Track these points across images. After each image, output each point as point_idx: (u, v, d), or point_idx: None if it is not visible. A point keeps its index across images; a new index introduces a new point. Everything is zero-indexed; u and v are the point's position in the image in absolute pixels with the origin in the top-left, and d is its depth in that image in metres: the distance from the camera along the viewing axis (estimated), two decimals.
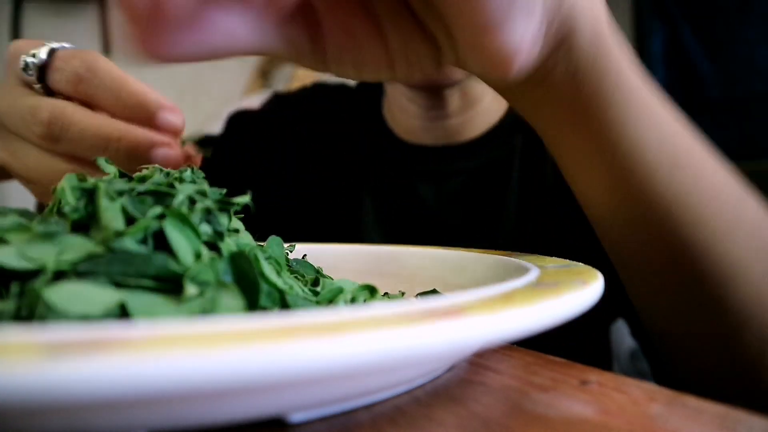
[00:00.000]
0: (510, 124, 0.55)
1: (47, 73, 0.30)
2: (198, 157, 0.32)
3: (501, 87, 0.29)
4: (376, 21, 0.23)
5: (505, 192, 0.53)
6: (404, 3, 0.23)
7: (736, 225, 0.29)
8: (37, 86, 0.31)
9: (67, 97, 0.30)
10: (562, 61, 0.26)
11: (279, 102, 0.67)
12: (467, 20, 0.21)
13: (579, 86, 0.26)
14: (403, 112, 0.57)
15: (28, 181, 0.32)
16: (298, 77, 1.57)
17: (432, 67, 0.25)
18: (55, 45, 0.31)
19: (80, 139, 0.29)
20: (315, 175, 0.61)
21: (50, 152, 0.30)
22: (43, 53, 0.30)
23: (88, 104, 0.30)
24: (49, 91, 0.30)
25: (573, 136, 0.29)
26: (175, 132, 0.30)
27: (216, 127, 0.70)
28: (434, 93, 0.52)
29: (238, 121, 0.66)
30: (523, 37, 0.22)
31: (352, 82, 0.67)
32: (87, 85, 0.29)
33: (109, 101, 0.29)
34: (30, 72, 0.30)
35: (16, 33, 1.79)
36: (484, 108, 0.55)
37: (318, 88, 0.68)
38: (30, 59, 0.30)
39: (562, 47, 0.25)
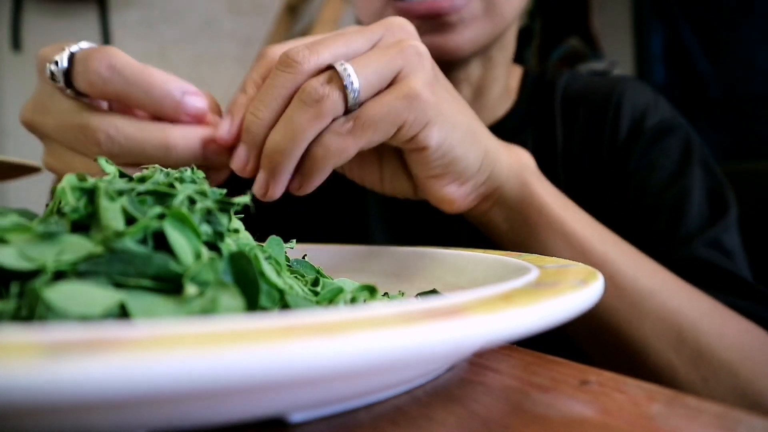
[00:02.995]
0: (518, 119, 0.55)
1: (73, 78, 0.30)
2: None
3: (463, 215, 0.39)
4: (379, 160, 0.36)
5: None
6: (398, 155, 0.35)
7: (643, 313, 0.37)
8: (69, 92, 0.31)
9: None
10: (495, 205, 0.38)
11: None
12: (420, 177, 0.34)
13: (510, 226, 0.39)
14: None
15: None
16: None
17: (407, 191, 0.37)
18: (73, 48, 0.31)
19: (140, 153, 0.30)
20: None
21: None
22: (64, 60, 0.30)
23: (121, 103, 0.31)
24: (81, 94, 0.31)
25: (513, 246, 0.39)
26: (202, 116, 0.31)
27: None
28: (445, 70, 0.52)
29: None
30: (457, 192, 0.35)
31: None
32: (113, 85, 0.29)
33: (138, 98, 0.29)
34: (57, 80, 0.30)
35: (16, 33, 1.79)
36: (493, 99, 0.55)
37: None
38: (53, 68, 0.30)
39: (492, 197, 0.37)
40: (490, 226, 0.39)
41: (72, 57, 0.30)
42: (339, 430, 0.16)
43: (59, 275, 0.17)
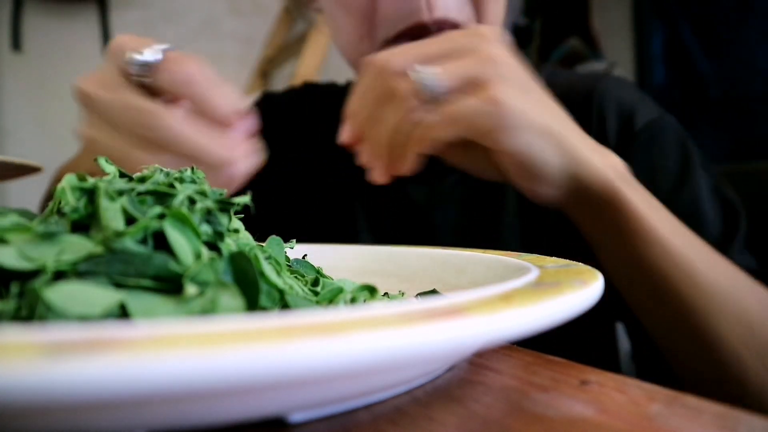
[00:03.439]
0: None
1: (152, 71, 0.33)
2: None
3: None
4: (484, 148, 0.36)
5: (502, 194, 0.53)
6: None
7: (721, 311, 0.37)
8: (135, 79, 0.33)
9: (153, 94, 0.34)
10: (582, 206, 0.38)
11: (268, 102, 0.67)
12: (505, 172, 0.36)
13: (599, 224, 0.38)
14: None
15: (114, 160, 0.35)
16: (299, 77, 1.57)
17: (495, 171, 0.38)
18: (162, 47, 0.34)
19: (176, 147, 0.32)
20: (305, 177, 0.61)
21: (138, 143, 0.33)
22: (155, 53, 0.33)
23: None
24: (142, 86, 0.33)
25: (602, 242, 0.40)
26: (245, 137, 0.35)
27: None
28: None
29: None
30: (539, 189, 0.36)
31: (341, 81, 0.67)
32: (191, 89, 0.33)
33: (206, 110, 0.33)
34: (135, 67, 0.33)
35: (16, 33, 1.79)
36: None
37: (308, 88, 0.67)
38: (137, 56, 0.33)
39: (578, 198, 0.37)
40: (581, 224, 0.40)
41: (161, 54, 0.33)
42: (339, 430, 0.16)
43: (59, 275, 0.17)
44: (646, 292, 0.39)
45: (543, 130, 0.34)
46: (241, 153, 0.35)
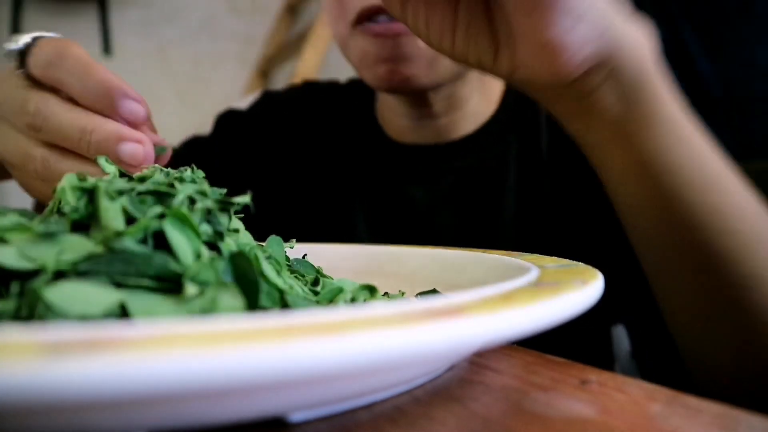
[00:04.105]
0: (501, 124, 0.55)
1: (26, 59, 0.31)
2: (167, 154, 0.33)
3: (552, 96, 0.33)
4: (455, 6, 0.30)
5: (501, 194, 0.53)
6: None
7: (757, 238, 0.32)
8: (18, 72, 0.32)
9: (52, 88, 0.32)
10: (610, 77, 0.30)
11: (269, 101, 0.67)
12: (519, 11, 0.27)
13: (623, 109, 0.31)
14: (393, 112, 0.57)
15: (11, 165, 0.34)
16: (299, 76, 1.57)
17: (486, 58, 0.30)
18: (44, 34, 0.32)
19: (58, 129, 0.30)
20: (304, 176, 0.61)
21: (34, 140, 0.32)
22: (22, 41, 0.32)
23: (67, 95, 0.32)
24: (32, 79, 0.32)
25: (615, 153, 0.33)
26: (137, 122, 0.31)
27: None
28: (416, 95, 0.52)
29: (227, 121, 0.66)
30: (572, 36, 0.27)
31: (342, 81, 0.67)
32: (55, 70, 0.30)
33: (75, 87, 0.30)
34: (10, 58, 0.32)
35: (16, 32, 1.79)
36: (471, 109, 0.55)
37: (308, 87, 0.67)
38: (12, 46, 0.32)
39: (608, 65, 0.30)
40: (598, 108, 0.32)
41: (34, 41, 0.32)
42: (339, 429, 0.16)
43: (59, 275, 0.17)
44: (669, 217, 0.33)
45: None
46: (133, 130, 0.31)
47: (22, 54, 0.31)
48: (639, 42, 0.31)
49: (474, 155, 0.54)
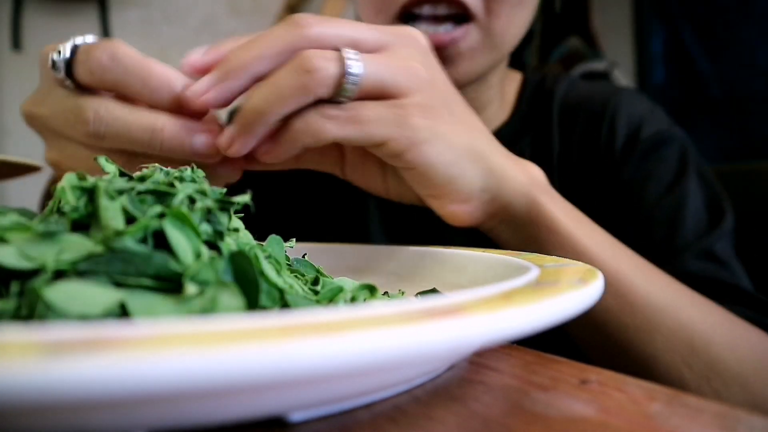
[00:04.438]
0: (515, 129, 0.55)
1: (74, 68, 0.30)
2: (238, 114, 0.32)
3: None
4: (383, 166, 0.37)
5: None
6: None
7: (655, 328, 0.36)
8: (68, 83, 0.31)
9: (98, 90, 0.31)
10: (503, 222, 0.37)
11: None
12: (420, 194, 0.35)
13: (521, 238, 0.37)
14: None
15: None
16: None
17: (413, 198, 0.37)
18: (78, 40, 0.31)
19: (125, 133, 0.30)
20: (318, 175, 0.61)
21: (98, 149, 0.31)
22: (67, 50, 0.31)
23: (122, 96, 0.31)
24: (81, 87, 0.31)
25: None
26: (205, 108, 0.30)
27: None
28: None
29: None
30: (459, 209, 0.34)
31: None
32: (112, 73, 0.29)
33: (136, 86, 0.29)
34: (58, 69, 0.31)
35: (16, 33, 1.79)
36: (489, 115, 0.55)
37: None
38: (55, 56, 0.31)
39: (499, 215, 0.36)
40: (500, 241, 0.39)
41: (75, 48, 0.31)
42: (339, 429, 0.16)
43: (59, 274, 0.17)
44: (576, 318, 0.38)
45: (459, 145, 0.32)
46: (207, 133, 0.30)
47: (68, 63, 0.30)
48: (525, 186, 0.35)
49: None
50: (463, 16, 0.46)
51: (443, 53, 0.46)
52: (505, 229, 0.37)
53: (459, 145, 0.32)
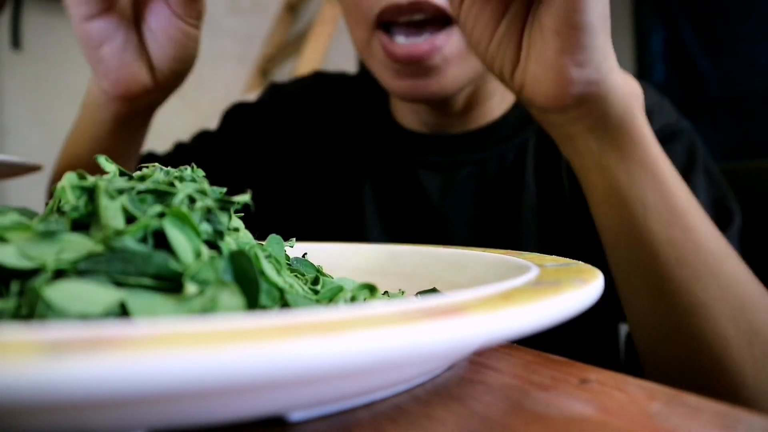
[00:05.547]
0: (519, 117, 0.55)
1: None
2: None
3: (547, 120, 0.37)
4: (502, 13, 0.34)
5: (520, 187, 0.52)
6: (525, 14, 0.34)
7: (709, 273, 0.35)
8: None
9: None
10: (593, 116, 0.34)
11: (277, 93, 0.66)
12: (546, 31, 0.32)
13: (602, 146, 0.35)
14: (408, 107, 0.56)
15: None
16: (299, 74, 1.57)
17: (506, 69, 0.35)
18: None
19: None
20: (315, 167, 0.61)
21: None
22: None
23: None
24: None
25: (594, 179, 0.37)
26: None
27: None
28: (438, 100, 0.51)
29: (236, 114, 0.66)
30: (577, 71, 0.32)
31: (351, 72, 0.67)
32: None
33: None
34: None
35: (16, 32, 1.79)
36: (493, 104, 0.55)
37: (317, 77, 0.67)
38: None
39: (595, 105, 0.34)
40: (577, 141, 0.37)
41: None
42: (339, 428, 0.16)
43: (59, 274, 0.17)
44: (635, 242, 0.37)
45: (604, 13, 0.32)
46: None
47: None
48: (627, 93, 0.35)
49: (493, 146, 0.54)
50: (445, 19, 0.45)
51: (427, 63, 0.45)
52: (592, 126, 0.35)
53: (605, 23, 0.32)
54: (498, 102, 0.55)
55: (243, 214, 0.25)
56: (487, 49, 0.35)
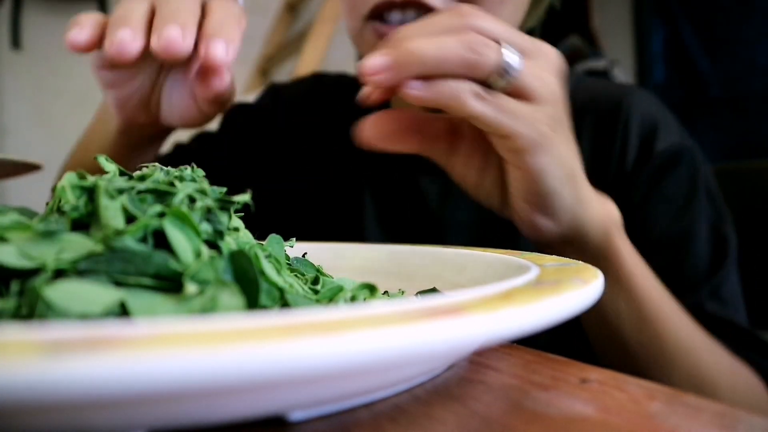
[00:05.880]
0: None
1: None
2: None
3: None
4: (485, 163, 0.37)
5: None
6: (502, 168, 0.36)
7: (680, 366, 0.39)
8: None
9: None
10: (575, 250, 0.37)
11: (276, 94, 0.66)
12: (516, 196, 0.35)
13: (583, 259, 0.36)
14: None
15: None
16: (299, 75, 1.57)
17: (495, 203, 0.38)
18: None
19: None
20: (314, 168, 0.61)
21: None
22: None
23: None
24: None
25: None
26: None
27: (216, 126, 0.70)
28: None
29: (236, 114, 0.66)
30: (543, 223, 0.35)
31: (351, 72, 0.67)
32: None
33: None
34: None
35: (16, 32, 1.79)
36: None
37: (317, 78, 0.67)
38: None
39: (574, 242, 0.36)
40: (557, 253, 0.39)
41: None
42: (339, 428, 0.16)
43: (59, 274, 0.17)
44: (608, 339, 0.40)
45: (566, 165, 0.34)
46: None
47: None
48: (604, 218, 0.37)
49: None
50: None
51: None
52: (573, 256, 0.38)
53: (566, 163, 0.34)
54: None
55: (243, 214, 0.25)
56: (477, 190, 0.38)
